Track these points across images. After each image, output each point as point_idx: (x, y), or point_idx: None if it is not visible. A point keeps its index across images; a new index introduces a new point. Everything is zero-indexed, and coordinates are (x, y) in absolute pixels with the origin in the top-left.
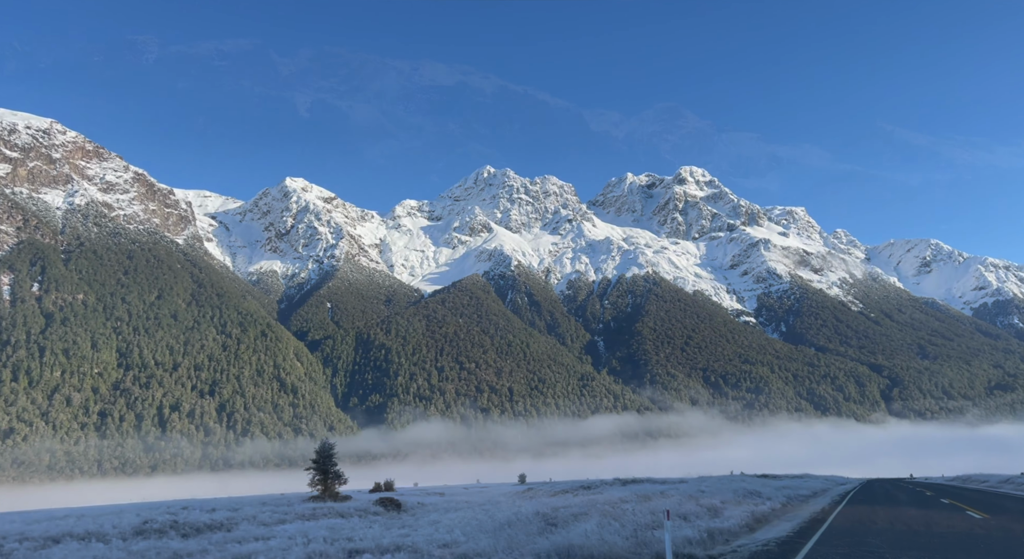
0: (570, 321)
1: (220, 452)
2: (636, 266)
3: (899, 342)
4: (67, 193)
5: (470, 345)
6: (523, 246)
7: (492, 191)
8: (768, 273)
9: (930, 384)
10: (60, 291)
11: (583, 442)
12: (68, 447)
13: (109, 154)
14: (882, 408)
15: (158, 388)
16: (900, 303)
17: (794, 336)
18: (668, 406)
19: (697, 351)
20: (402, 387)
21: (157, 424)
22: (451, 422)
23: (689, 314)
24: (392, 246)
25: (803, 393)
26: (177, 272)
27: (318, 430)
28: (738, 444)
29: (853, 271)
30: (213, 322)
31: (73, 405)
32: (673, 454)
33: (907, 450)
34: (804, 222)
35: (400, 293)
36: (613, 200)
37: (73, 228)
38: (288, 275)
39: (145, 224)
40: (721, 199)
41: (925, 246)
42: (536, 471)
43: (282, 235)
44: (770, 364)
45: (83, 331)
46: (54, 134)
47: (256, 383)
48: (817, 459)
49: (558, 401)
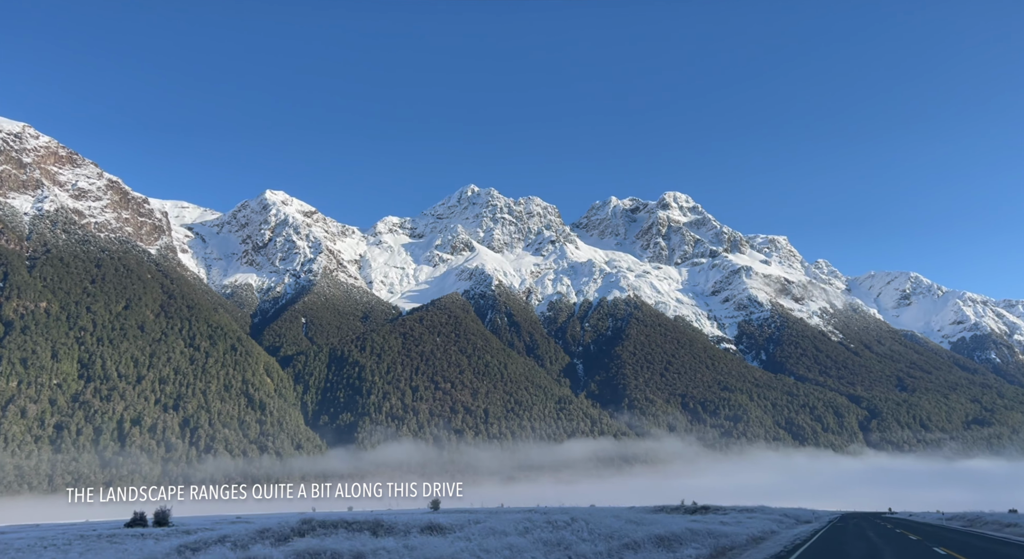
0: (550, 343)
1: (181, 469)
2: (618, 289)
3: (878, 373)
4: (36, 199)
5: (447, 364)
6: (505, 266)
7: (475, 210)
8: (749, 301)
9: (908, 416)
10: (22, 298)
11: (557, 466)
12: (19, 461)
13: (83, 160)
14: (860, 439)
15: (120, 401)
16: (880, 335)
17: (774, 364)
18: (645, 432)
19: (676, 377)
20: (374, 406)
21: (116, 438)
22: (423, 443)
23: (669, 339)
24: (372, 262)
25: (781, 422)
26: (147, 282)
27: (285, 448)
28: (713, 472)
29: (834, 301)
30: (182, 334)
31: (28, 417)
32: (646, 481)
33: (884, 482)
34: (786, 251)
35: (378, 310)
36: (597, 223)
37: (40, 234)
38: (264, 289)
39: (117, 232)
40: (704, 225)
41: (905, 279)
42: (502, 497)
43: (259, 248)
44: (749, 392)
45: (43, 340)
46: (26, 138)
47: (223, 398)
48: (792, 489)
49: (534, 424)
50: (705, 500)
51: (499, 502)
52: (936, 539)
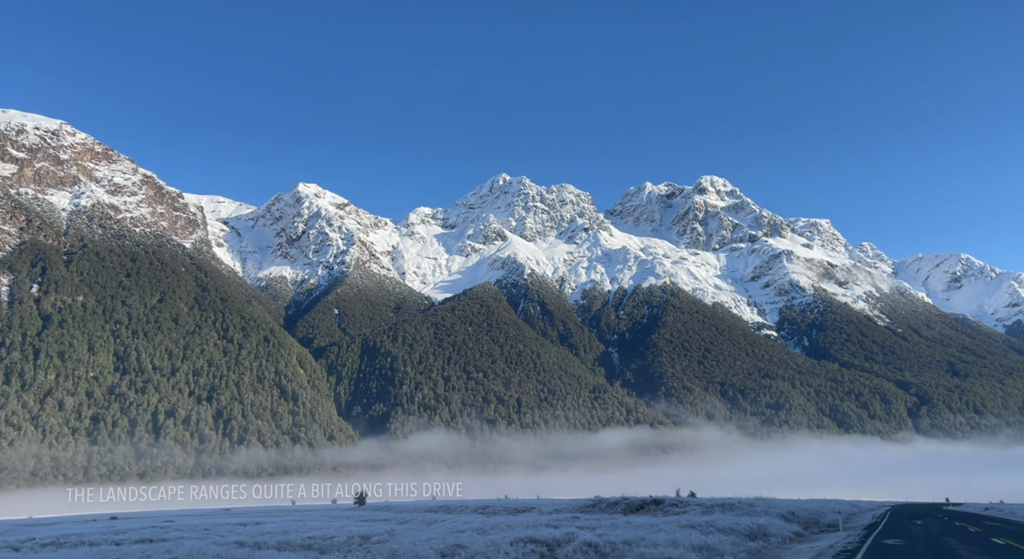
0: (584, 331)
1: (214, 460)
2: (653, 276)
3: (927, 359)
4: (73, 194)
5: (479, 354)
6: (537, 255)
7: (507, 199)
8: (791, 286)
9: (960, 403)
10: (59, 293)
11: (591, 456)
12: (56, 453)
13: (118, 156)
14: (909, 426)
15: (154, 393)
16: (929, 319)
17: (817, 351)
18: (682, 420)
19: (715, 364)
20: (407, 396)
21: (151, 430)
22: (455, 433)
23: (707, 326)
24: (404, 253)
25: (825, 410)
26: (181, 276)
27: (317, 439)
28: (753, 461)
29: (879, 285)
30: (215, 327)
31: (65, 409)
32: (682, 470)
33: (936, 470)
34: (829, 234)
35: (410, 300)
36: (631, 209)
37: (77, 229)
38: (297, 281)
39: (152, 227)
40: (743, 209)
41: (955, 261)
42: (529, 487)
43: (293, 241)
44: (791, 379)
45: (80, 334)
46: (63, 135)
47: (256, 390)
48: (835, 478)
49: (568, 413)
50: (740, 490)
51: (534, 493)
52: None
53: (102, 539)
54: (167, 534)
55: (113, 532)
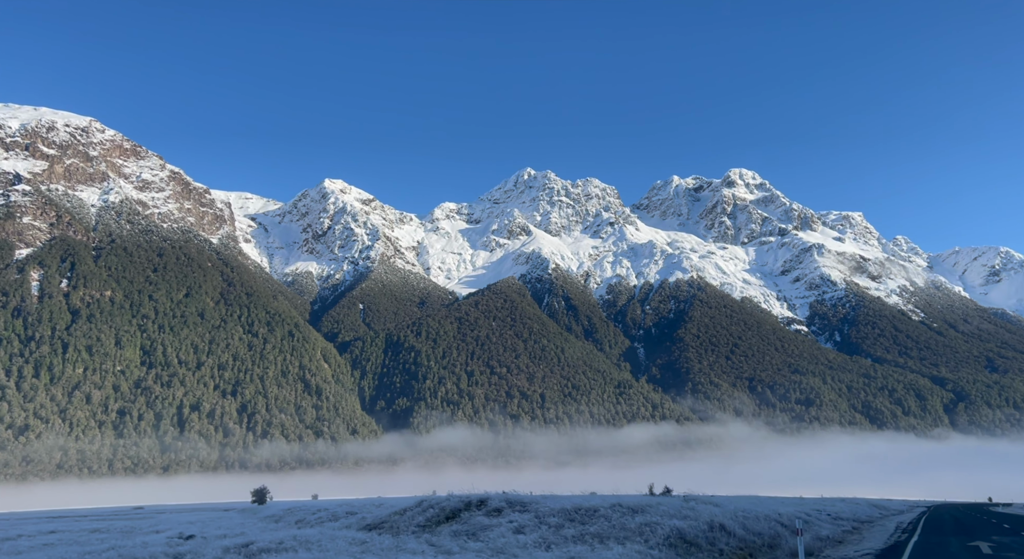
0: (609, 327)
1: (238, 454)
2: (680, 271)
3: (964, 354)
4: (102, 191)
5: (502, 349)
6: (562, 249)
7: (532, 193)
8: (822, 280)
9: (1000, 398)
10: (88, 287)
11: (615, 452)
12: (82, 445)
13: (147, 152)
14: (945, 423)
15: (179, 387)
16: (965, 313)
17: (849, 346)
18: (709, 416)
19: (743, 360)
20: (430, 391)
21: (176, 424)
22: (478, 428)
23: (736, 321)
24: (429, 248)
25: (857, 406)
26: (207, 271)
27: (340, 433)
28: (782, 457)
29: (914, 279)
30: (240, 321)
31: (92, 403)
32: (708, 466)
33: (974, 467)
34: (861, 228)
35: (434, 295)
36: (658, 203)
37: (106, 225)
38: (323, 276)
39: (179, 222)
40: (772, 203)
41: (994, 254)
42: (545, 482)
43: (319, 236)
44: (822, 374)
45: (108, 328)
46: (92, 132)
47: (280, 384)
48: (866, 475)
49: (592, 409)
50: (759, 488)
51: (546, 489)
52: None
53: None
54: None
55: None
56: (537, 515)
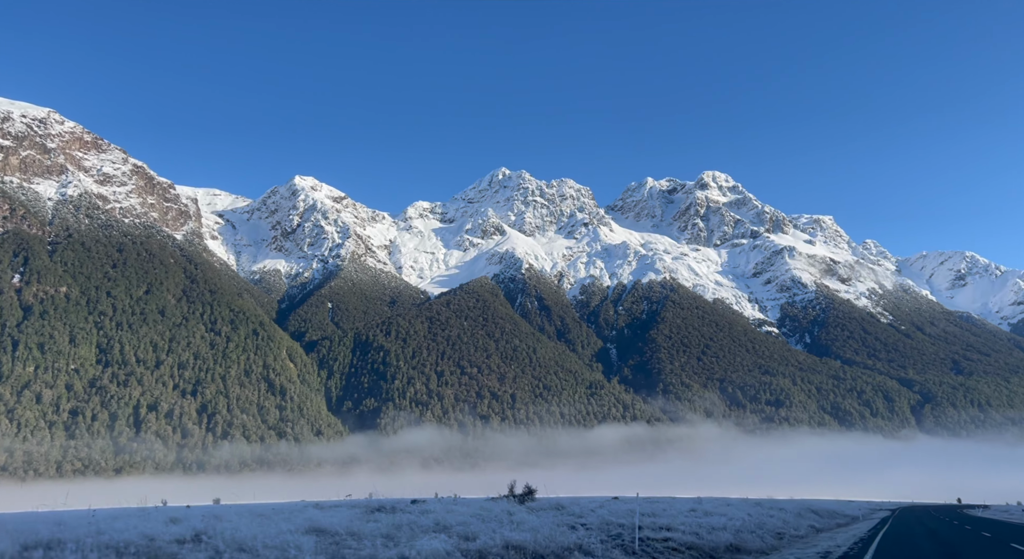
0: (581, 327)
1: (196, 455)
2: (653, 272)
3: (931, 356)
4: (60, 184)
5: (473, 349)
6: (536, 249)
7: (507, 193)
8: (792, 282)
9: (965, 400)
10: (42, 283)
11: (585, 453)
12: (30, 447)
13: (108, 146)
14: (912, 424)
15: (137, 386)
16: (933, 316)
17: (819, 348)
18: (680, 417)
19: (714, 361)
20: (398, 391)
21: (132, 424)
22: (446, 429)
23: (707, 322)
24: (402, 247)
25: (827, 407)
26: (169, 267)
27: (304, 434)
28: (751, 458)
29: (883, 282)
30: (203, 319)
31: (43, 402)
32: (678, 467)
33: (940, 468)
34: (832, 231)
35: (405, 295)
36: (632, 205)
37: (63, 219)
38: (291, 274)
39: (141, 218)
40: (745, 205)
41: (960, 258)
42: (504, 484)
43: (288, 234)
44: (792, 376)
45: (62, 325)
46: (51, 124)
47: (242, 383)
48: (834, 476)
49: (563, 409)
50: (725, 490)
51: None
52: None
53: None
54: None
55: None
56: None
